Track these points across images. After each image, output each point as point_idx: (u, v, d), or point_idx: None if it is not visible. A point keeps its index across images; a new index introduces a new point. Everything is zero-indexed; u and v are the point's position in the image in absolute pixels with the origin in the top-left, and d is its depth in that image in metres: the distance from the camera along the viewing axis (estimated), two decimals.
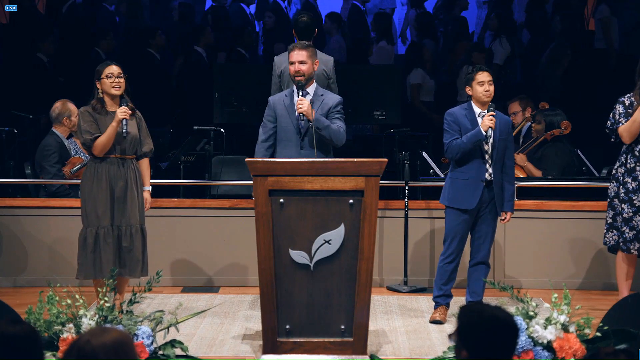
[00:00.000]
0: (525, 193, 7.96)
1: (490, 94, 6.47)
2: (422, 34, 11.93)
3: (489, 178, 6.50)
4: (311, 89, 6.58)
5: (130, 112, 6.49)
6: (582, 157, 8.86)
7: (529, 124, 8.88)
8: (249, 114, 9.36)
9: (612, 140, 6.92)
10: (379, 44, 11.75)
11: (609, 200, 6.91)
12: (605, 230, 6.92)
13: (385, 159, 5.74)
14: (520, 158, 8.37)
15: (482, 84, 6.46)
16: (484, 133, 6.41)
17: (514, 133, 8.47)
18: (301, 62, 6.51)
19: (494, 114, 6.44)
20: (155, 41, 11.01)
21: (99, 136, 6.48)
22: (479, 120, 6.50)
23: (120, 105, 6.53)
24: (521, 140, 8.85)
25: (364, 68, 10.45)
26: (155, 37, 11.01)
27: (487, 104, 6.53)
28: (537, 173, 8.46)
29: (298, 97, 6.44)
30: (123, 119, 6.44)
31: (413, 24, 12.41)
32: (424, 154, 8.48)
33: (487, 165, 6.51)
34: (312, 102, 6.49)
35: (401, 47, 12.99)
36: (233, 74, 9.49)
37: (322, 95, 6.56)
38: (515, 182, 6.99)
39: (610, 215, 6.89)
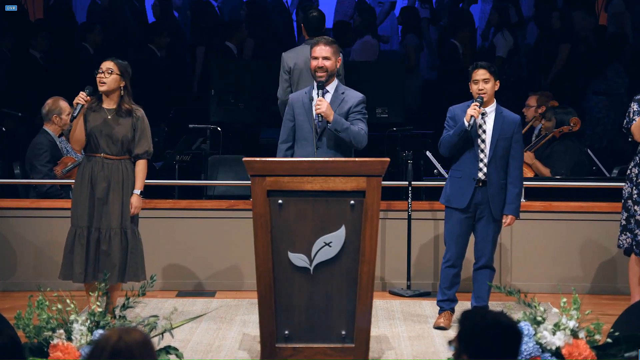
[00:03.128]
0: (533, 194, 7.93)
1: (484, 92, 6.38)
2: (406, 30, 11.80)
3: (482, 177, 6.41)
4: (332, 87, 6.39)
5: (87, 99, 6.33)
6: (592, 156, 8.76)
7: (540, 125, 8.78)
8: (247, 112, 9.29)
9: (630, 140, 6.80)
10: (364, 38, 11.51)
11: (623, 201, 6.86)
12: (619, 233, 6.81)
13: (388, 159, 5.69)
14: (527, 156, 8.33)
15: (477, 83, 6.42)
16: (466, 123, 6.32)
17: (524, 129, 8.35)
18: (325, 58, 6.33)
19: (478, 104, 6.37)
20: (155, 40, 10.86)
21: None
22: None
23: (118, 104, 6.42)
24: (533, 139, 8.79)
25: (365, 65, 10.35)
26: (154, 34, 10.87)
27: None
28: (545, 171, 8.43)
29: (318, 96, 6.25)
30: (77, 103, 6.29)
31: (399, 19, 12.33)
32: (427, 153, 8.39)
33: (482, 164, 6.41)
34: (332, 100, 6.31)
35: (395, 43, 12.82)
36: (230, 71, 9.38)
37: (343, 93, 6.38)
38: (523, 183, 6.83)
39: (624, 217, 6.82)
